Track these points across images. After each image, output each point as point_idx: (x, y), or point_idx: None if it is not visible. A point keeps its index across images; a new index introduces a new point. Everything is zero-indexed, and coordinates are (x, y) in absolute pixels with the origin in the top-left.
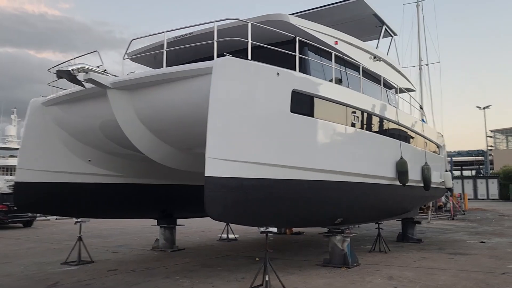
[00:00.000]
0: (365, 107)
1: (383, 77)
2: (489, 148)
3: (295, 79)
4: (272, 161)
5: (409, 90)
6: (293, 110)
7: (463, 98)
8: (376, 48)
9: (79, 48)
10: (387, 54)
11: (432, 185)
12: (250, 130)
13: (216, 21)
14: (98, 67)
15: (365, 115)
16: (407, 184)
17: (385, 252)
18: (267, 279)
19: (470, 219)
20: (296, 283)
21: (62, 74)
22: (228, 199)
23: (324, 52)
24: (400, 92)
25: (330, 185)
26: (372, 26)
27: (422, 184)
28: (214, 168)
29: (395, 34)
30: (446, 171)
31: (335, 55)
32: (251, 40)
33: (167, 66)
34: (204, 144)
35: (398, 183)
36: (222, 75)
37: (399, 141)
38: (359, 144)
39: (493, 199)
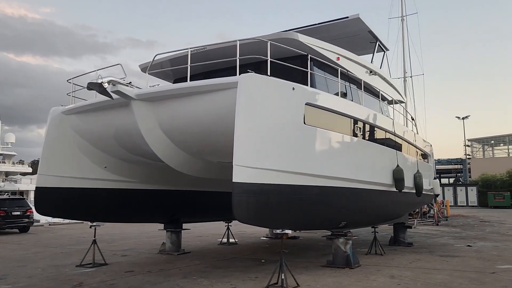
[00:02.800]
0: (366, 118)
1: (380, 90)
2: (467, 156)
3: (307, 93)
4: (288, 168)
5: (399, 102)
6: (306, 121)
7: (445, 108)
8: (371, 62)
9: (61, 52)
10: (380, 68)
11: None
12: (270, 140)
13: (240, 40)
14: (123, 79)
15: (366, 126)
16: (402, 190)
17: (381, 254)
18: (283, 277)
19: (453, 225)
20: (307, 281)
21: (93, 86)
22: (252, 203)
23: (328, 67)
24: (393, 104)
25: (336, 191)
26: (366, 42)
27: (414, 191)
28: (240, 174)
29: (387, 50)
30: (435, 178)
31: (338, 70)
32: (263, 55)
33: (175, 79)
34: (221, 153)
35: (394, 189)
36: (247, 90)
37: (395, 150)
38: (361, 153)
39: (472, 206)
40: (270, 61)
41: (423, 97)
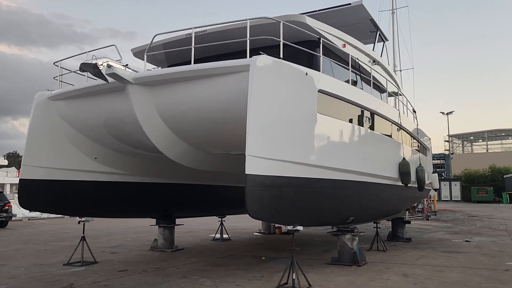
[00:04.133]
0: (375, 109)
1: (387, 80)
2: (446, 152)
3: (320, 80)
4: (302, 160)
5: (402, 94)
6: (318, 110)
7: (428, 103)
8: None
9: (37, 42)
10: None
11: None
12: (283, 129)
13: (250, 19)
14: (118, 61)
15: (375, 117)
16: (408, 185)
17: (383, 251)
18: (294, 277)
19: (443, 220)
20: (318, 280)
21: (87, 67)
22: (266, 197)
23: (334, 54)
24: (398, 95)
25: (347, 185)
26: (366, 31)
27: (416, 185)
28: (253, 165)
29: (386, 40)
30: (433, 172)
31: (344, 57)
32: (269, 39)
33: (169, 65)
34: (226, 144)
35: (400, 183)
36: (260, 73)
37: (401, 142)
38: (370, 145)
39: (455, 201)
40: (278, 44)
41: (413, 91)
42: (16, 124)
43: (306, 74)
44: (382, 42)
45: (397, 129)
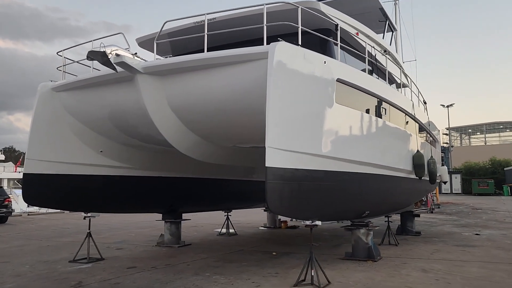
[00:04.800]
0: (391, 99)
1: (400, 70)
2: (445, 145)
3: (339, 69)
4: (321, 152)
5: (406, 85)
6: (337, 100)
7: (430, 95)
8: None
9: (31, 36)
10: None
11: None
12: (302, 119)
13: (267, 5)
14: (126, 50)
15: (391, 107)
16: (423, 177)
17: (395, 245)
18: (313, 274)
19: (447, 213)
20: (335, 277)
21: (95, 55)
22: (286, 191)
23: (346, 43)
24: (410, 86)
25: (364, 178)
26: (375, 20)
27: (428, 178)
28: (274, 158)
29: (395, 30)
30: (442, 165)
31: (356, 46)
32: (284, 26)
33: (175, 55)
34: (239, 136)
35: (413, 176)
36: (280, 61)
37: (415, 134)
38: (386, 136)
39: (456, 193)
40: (292, 33)
41: (416, 83)
42: (11, 119)
43: (325, 62)
44: (391, 32)
45: (411, 120)
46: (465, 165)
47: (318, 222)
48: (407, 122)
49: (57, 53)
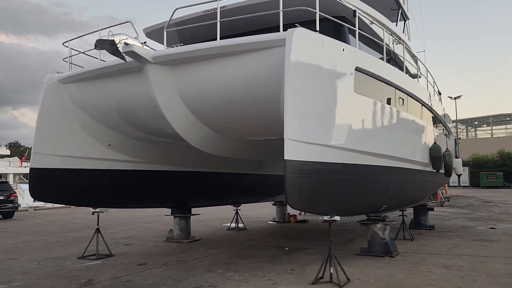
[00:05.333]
0: (409, 89)
1: (417, 60)
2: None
3: (357, 56)
4: (340, 144)
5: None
6: (356, 90)
7: (442, 87)
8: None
9: (34, 31)
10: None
11: None
12: (321, 109)
13: None
14: (135, 38)
15: (408, 98)
16: (440, 170)
17: (410, 240)
18: (332, 271)
19: (458, 206)
20: (354, 274)
21: (103, 44)
22: (305, 185)
23: (360, 31)
24: (427, 77)
25: (383, 171)
26: (388, 9)
27: (443, 170)
28: (293, 150)
29: (408, 18)
30: (456, 157)
31: (371, 35)
32: (298, 14)
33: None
34: (253, 128)
35: (430, 169)
36: (298, 49)
37: (432, 125)
38: (404, 128)
39: (464, 186)
40: (308, 21)
41: (426, 74)
42: (16, 114)
43: (343, 50)
44: (403, 21)
45: (427, 111)
46: (473, 158)
47: (337, 217)
48: (424, 113)
49: (63, 43)
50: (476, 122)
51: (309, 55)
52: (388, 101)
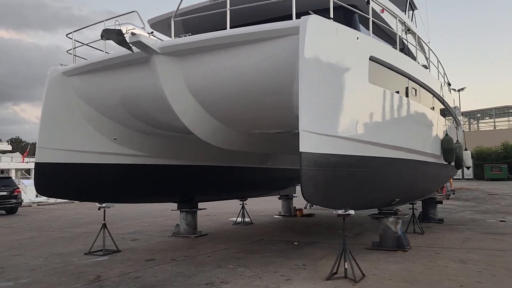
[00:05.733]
0: (422, 80)
1: (429, 49)
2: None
3: (372, 45)
4: (355, 136)
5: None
6: (370, 80)
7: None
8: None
9: (34, 26)
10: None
11: None
12: (335, 100)
13: None
14: (142, 28)
15: (420, 89)
16: (452, 162)
17: (421, 233)
18: (346, 266)
19: (463, 199)
20: (368, 269)
21: (110, 34)
22: (320, 179)
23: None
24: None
25: (397, 163)
26: None
27: (453, 163)
28: (309, 142)
29: (415, 8)
30: (465, 149)
31: (382, 24)
32: (311, 2)
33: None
34: (264, 121)
35: (442, 161)
36: (313, 37)
37: (443, 117)
38: (418, 119)
39: (468, 179)
40: (320, 9)
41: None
42: (17, 109)
43: (358, 38)
44: (411, 11)
45: (438, 102)
46: (476, 150)
47: (351, 211)
48: (435, 104)
49: (66, 35)
50: (478, 115)
51: (323, 43)
52: (402, 92)
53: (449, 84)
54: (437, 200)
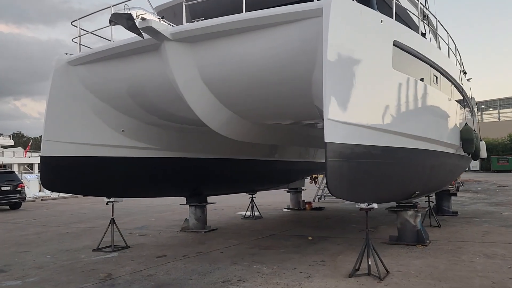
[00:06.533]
0: (443, 67)
1: (448, 35)
2: None
3: (395, 29)
4: (380, 125)
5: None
6: (394, 66)
7: None
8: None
9: (34, 20)
10: None
11: None
12: (360, 87)
13: None
14: (152, 13)
15: (442, 77)
16: (471, 152)
17: (438, 227)
18: (370, 263)
19: (473, 191)
20: (391, 265)
21: (119, 19)
22: (345, 170)
23: (386, 5)
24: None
25: (420, 154)
26: None
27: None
28: (334, 132)
29: None
30: (481, 140)
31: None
32: None
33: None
34: (281, 111)
35: (462, 152)
36: (337, 19)
37: (462, 106)
38: (439, 108)
39: (474, 170)
40: None
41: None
42: (17, 104)
43: (382, 21)
44: None
45: (457, 91)
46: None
47: (375, 205)
48: (454, 93)
49: (71, 22)
50: (482, 106)
51: (348, 27)
52: (423, 79)
53: (465, 73)
54: (452, 192)
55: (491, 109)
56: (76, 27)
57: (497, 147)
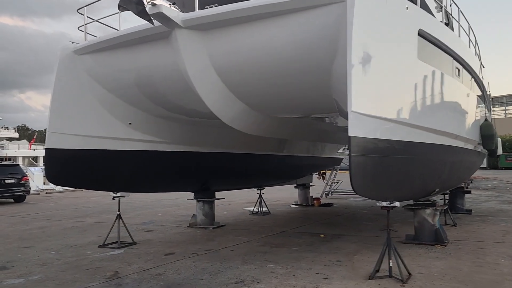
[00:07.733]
0: (466, 60)
1: (469, 26)
2: None
3: (421, 18)
4: (405, 119)
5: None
6: (419, 57)
7: None
8: None
9: (39, 13)
10: None
11: None
12: (384, 78)
13: None
14: None
15: (464, 70)
16: (491, 149)
17: (454, 225)
18: (391, 264)
19: (483, 188)
20: (411, 266)
21: (128, 4)
22: (369, 166)
23: None
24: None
25: (442, 150)
26: None
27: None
28: (359, 125)
29: None
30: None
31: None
32: None
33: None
34: (298, 103)
35: (481, 148)
36: (363, 6)
37: (482, 100)
38: (461, 102)
39: (481, 168)
40: None
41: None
42: (23, 97)
43: (407, 8)
44: None
45: (477, 85)
46: None
47: (397, 203)
48: (474, 87)
49: (77, 10)
50: None
51: (373, 13)
52: (447, 72)
53: (483, 67)
54: (466, 190)
55: (497, 105)
56: (83, 14)
57: (505, 144)
